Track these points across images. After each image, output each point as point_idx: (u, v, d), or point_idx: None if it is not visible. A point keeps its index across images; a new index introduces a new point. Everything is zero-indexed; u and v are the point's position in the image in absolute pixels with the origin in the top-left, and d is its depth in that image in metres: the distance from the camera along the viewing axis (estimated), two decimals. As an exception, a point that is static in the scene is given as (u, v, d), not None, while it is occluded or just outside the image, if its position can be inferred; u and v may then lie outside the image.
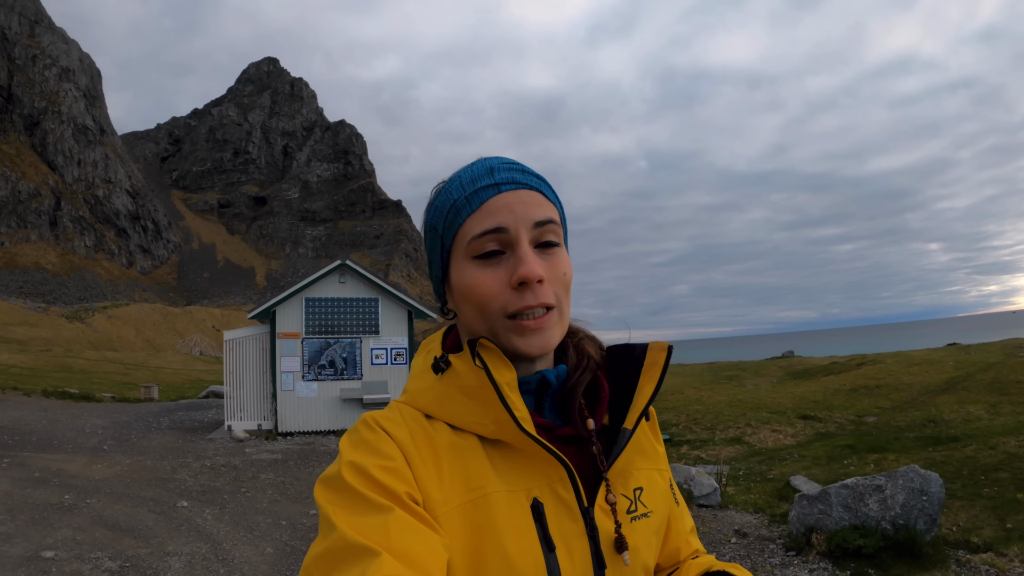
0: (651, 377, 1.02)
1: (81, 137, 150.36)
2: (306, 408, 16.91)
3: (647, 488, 1.03)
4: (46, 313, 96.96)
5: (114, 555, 6.60)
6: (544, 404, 0.99)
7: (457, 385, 0.94)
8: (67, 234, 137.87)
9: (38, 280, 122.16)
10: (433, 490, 0.87)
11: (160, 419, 19.38)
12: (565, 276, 0.96)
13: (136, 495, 9.38)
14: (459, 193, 0.95)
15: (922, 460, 14.34)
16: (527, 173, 0.98)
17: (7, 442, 13.86)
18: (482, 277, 0.92)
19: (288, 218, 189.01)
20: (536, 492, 0.91)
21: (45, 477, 10.37)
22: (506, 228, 0.92)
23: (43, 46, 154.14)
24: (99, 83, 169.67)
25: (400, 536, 0.76)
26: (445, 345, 1.06)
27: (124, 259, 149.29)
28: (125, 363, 55.19)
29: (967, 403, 22.20)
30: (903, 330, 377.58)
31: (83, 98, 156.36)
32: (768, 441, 20.79)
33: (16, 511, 8.23)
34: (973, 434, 16.09)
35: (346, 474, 0.83)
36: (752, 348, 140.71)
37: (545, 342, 0.93)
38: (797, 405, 26.77)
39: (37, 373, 38.30)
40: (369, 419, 0.93)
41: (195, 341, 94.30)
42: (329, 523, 0.79)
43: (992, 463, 12.98)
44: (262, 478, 10.99)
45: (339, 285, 17.49)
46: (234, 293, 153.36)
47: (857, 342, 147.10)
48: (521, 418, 0.88)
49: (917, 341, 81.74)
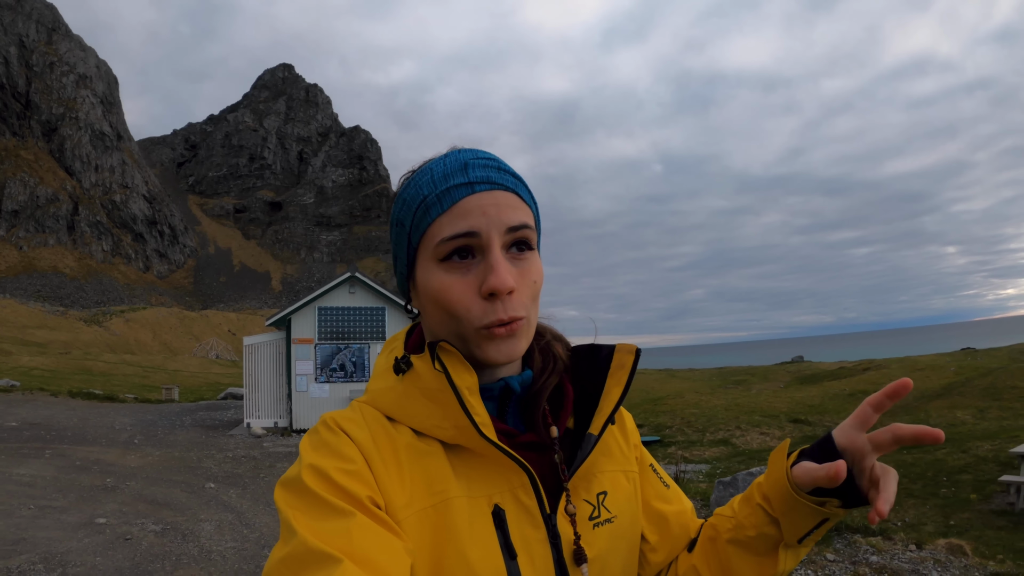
0: (618, 380, 1.00)
1: (98, 143, 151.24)
2: (319, 407, 18.19)
3: (611, 492, 1.01)
4: (64, 317, 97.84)
5: (156, 521, 7.93)
6: (507, 409, 0.97)
7: (418, 387, 0.91)
8: (85, 239, 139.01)
9: (56, 284, 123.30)
10: (395, 494, 0.85)
11: (183, 418, 20.72)
12: (535, 284, 0.93)
13: (169, 479, 10.73)
14: (429, 189, 0.90)
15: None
16: (503, 172, 0.93)
17: (44, 436, 15.10)
18: (450, 282, 0.88)
19: (303, 223, 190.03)
20: (498, 498, 0.89)
21: (86, 465, 11.68)
22: (478, 232, 0.88)
23: (60, 53, 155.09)
24: (116, 89, 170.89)
25: (362, 541, 0.75)
26: (408, 344, 1.02)
27: (141, 263, 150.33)
28: (143, 366, 56.05)
29: (957, 408, 22.77)
30: (919, 334, 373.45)
31: (100, 104, 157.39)
32: (753, 443, 21.69)
33: (66, 491, 9.53)
34: (952, 438, 16.69)
35: (306, 477, 0.81)
36: (766, 353, 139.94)
37: (513, 349, 0.90)
38: (791, 409, 27.61)
39: (59, 375, 39.06)
40: (329, 420, 0.90)
41: (211, 345, 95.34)
42: (290, 528, 0.77)
43: (959, 466, 13.95)
44: (278, 467, 12.35)
45: (349, 295, 18.81)
46: (250, 297, 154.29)
47: (871, 347, 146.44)
48: (481, 423, 0.86)
49: (932, 346, 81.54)
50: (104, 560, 6.33)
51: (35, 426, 16.64)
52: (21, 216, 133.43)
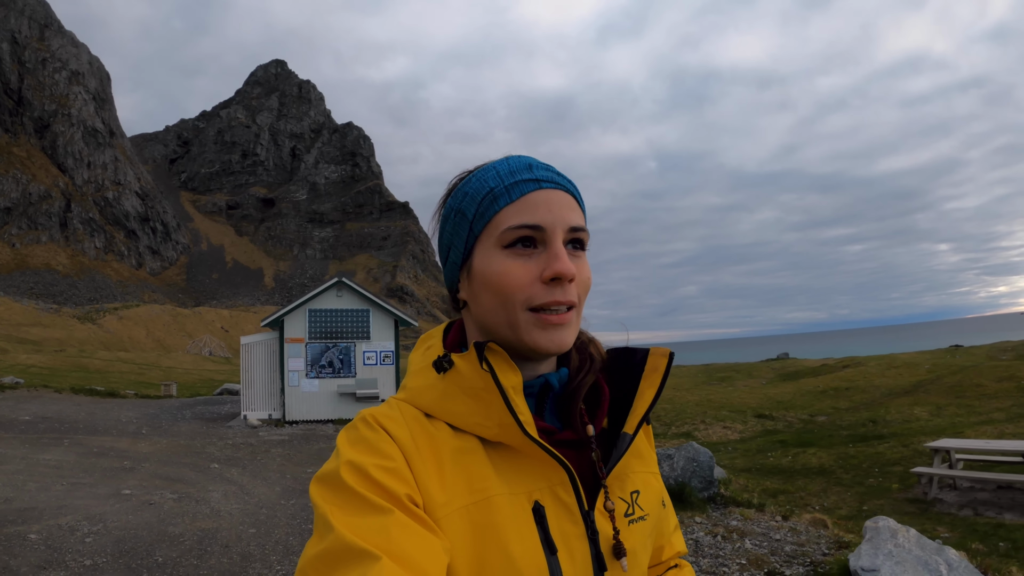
0: (651, 383, 1.02)
1: (91, 139, 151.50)
2: (309, 401, 19.87)
3: (643, 491, 1.03)
4: (58, 314, 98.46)
5: (172, 492, 9.57)
6: (545, 407, 0.99)
7: (460, 385, 0.93)
8: (77, 236, 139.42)
9: (49, 281, 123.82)
10: (434, 492, 0.85)
11: (183, 412, 22.14)
12: (587, 280, 0.96)
13: (178, 461, 12.36)
14: (496, 182, 0.94)
15: (836, 454, 15.99)
16: (562, 176, 0.97)
17: (59, 428, 16.38)
18: (513, 266, 0.91)
19: (296, 220, 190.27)
20: (537, 495, 0.90)
21: (103, 451, 13.21)
22: (543, 226, 0.91)
23: (53, 50, 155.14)
24: (108, 86, 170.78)
25: (400, 539, 0.75)
26: (446, 343, 1.03)
27: (134, 260, 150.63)
28: (138, 363, 56.93)
29: (917, 405, 23.03)
30: (910, 331, 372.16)
31: (92, 101, 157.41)
32: (714, 436, 22.11)
33: (90, 471, 11.08)
34: (901, 433, 17.59)
35: (344, 473, 0.81)
36: (756, 349, 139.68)
37: (563, 339, 0.91)
38: (760, 405, 27.94)
39: (57, 373, 39.72)
40: (368, 416, 0.91)
41: (205, 342, 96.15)
42: (326, 523, 0.77)
43: (895, 458, 14.59)
44: (273, 452, 13.99)
45: (337, 298, 20.53)
46: (243, 294, 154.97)
47: (860, 344, 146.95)
48: (525, 422, 0.87)
49: (921, 343, 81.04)
50: (135, 518, 7.94)
51: (48, 419, 17.75)
52: (14, 213, 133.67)
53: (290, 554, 6.76)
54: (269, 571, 6.30)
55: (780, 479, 13.79)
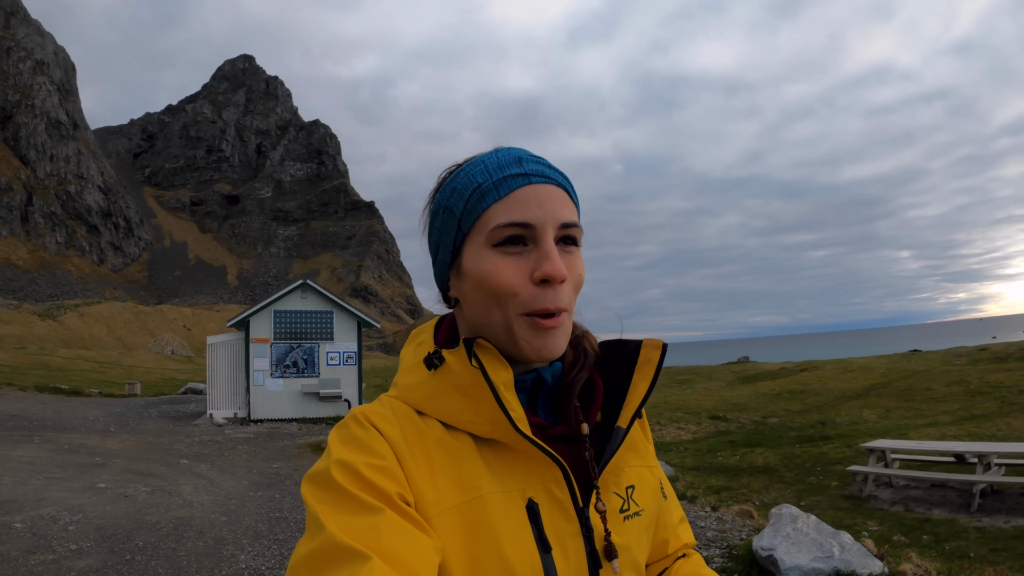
0: (644, 375, 1.00)
1: (54, 131, 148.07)
2: (273, 400, 20.37)
3: (638, 486, 1.02)
4: (18, 310, 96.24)
5: (145, 485, 10.17)
6: (538, 402, 0.97)
7: (450, 383, 0.91)
8: (38, 230, 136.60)
9: (8, 276, 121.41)
10: (426, 490, 0.84)
11: (149, 410, 22.49)
12: (580, 277, 0.94)
13: (148, 457, 12.93)
14: (484, 178, 0.91)
15: (782, 454, 16.56)
16: (554, 170, 0.94)
17: (28, 426, 16.63)
18: (503, 265, 0.88)
19: (260, 217, 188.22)
20: (531, 492, 0.89)
21: (74, 448, 13.65)
22: (533, 224, 0.88)
23: (18, 38, 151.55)
24: (73, 77, 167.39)
25: (390, 539, 0.75)
26: (437, 338, 1.02)
27: (95, 256, 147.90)
28: (99, 361, 56.63)
29: (867, 408, 23.66)
30: (870, 336, 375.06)
31: (57, 92, 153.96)
32: (668, 437, 22.59)
33: (64, 467, 11.54)
34: (848, 434, 18.19)
35: (335, 472, 0.80)
36: (718, 353, 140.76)
37: (554, 346, 0.90)
38: (716, 407, 28.28)
39: (18, 370, 39.22)
40: (359, 414, 0.89)
41: (167, 340, 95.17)
42: (317, 522, 0.77)
43: (838, 458, 15.12)
44: (239, 448, 14.59)
45: (301, 300, 21.09)
46: (205, 292, 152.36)
47: (820, 348, 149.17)
48: (517, 419, 0.86)
49: (881, 347, 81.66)
50: (113, 508, 8.53)
51: (15, 417, 17.93)
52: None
53: (259, 538, 7.43)
54: (241, 552, 6.96)
55: (726, 477, 14.37)
